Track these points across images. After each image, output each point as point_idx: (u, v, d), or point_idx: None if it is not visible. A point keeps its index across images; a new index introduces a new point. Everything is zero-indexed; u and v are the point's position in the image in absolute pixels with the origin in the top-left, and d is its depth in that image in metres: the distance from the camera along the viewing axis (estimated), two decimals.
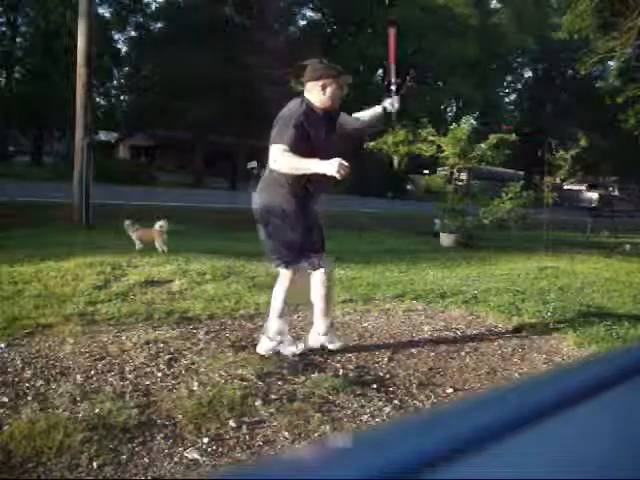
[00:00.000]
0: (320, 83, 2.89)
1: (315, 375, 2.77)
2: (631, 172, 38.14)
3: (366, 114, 3.30)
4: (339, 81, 2.95)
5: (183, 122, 24.80)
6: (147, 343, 2.98)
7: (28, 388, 2.41)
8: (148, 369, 2.68)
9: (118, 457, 1.96)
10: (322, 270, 3.03)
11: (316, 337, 3.19)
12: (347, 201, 18.08)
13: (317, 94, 2.91)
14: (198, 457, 2.01)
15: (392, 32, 3.39)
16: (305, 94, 2.97)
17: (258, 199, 2.97)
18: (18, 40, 29.86)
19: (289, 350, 3.03)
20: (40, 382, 2.47)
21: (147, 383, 2.54)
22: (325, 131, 2.94)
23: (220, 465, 1.98)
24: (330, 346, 3.17)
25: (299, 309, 3.98)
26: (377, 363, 3.08)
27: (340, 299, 4.32)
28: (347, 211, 15.48)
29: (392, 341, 3.48)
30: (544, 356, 3.47)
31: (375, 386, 2.74)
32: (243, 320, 3.62)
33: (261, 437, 2.18)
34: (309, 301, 3.16)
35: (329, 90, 2.90)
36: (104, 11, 30.45)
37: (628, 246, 10.16)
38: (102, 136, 28.82)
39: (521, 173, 36.79)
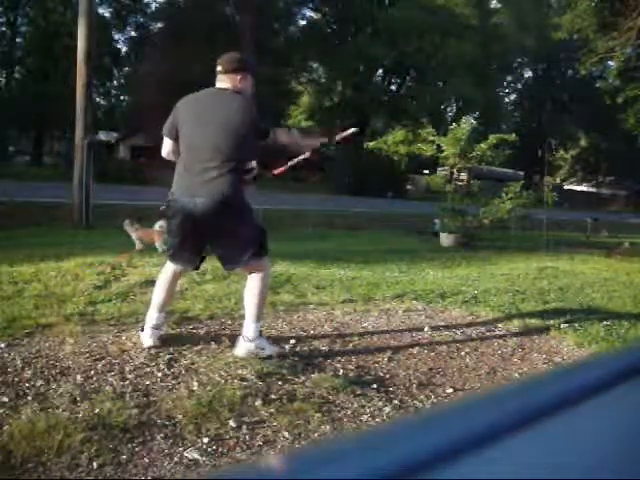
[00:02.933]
0: (239, 76, 2.87)
1: (315, 375, 2.77)
2: (630, 171, 38.16)
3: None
4: (251, 77, 2.94)
5: None
6: None
7: (28, 388, 2.41)
8: (148, 369, 2.68)
9: (118, 457, 1.96)
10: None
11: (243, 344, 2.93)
12: (347, 201, 18.09)
13: (234, 86, 2.86)
14: (198, 457, 2.01)
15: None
16: (219, 84, 2.90)
17: (218, 195, 2.76)
18: (18, 40, 29.88)
19: (270, 351, 2.93)
20: (40, 382, 2.46)
21: (147, 383, 2.53)
22: None
23: (220, 465, 1.98)
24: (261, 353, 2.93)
25: (299, 309, 3.98)
26: (377, 363, 3.08)
27: (340, 299, 4.32)
28: (344, 211, 15.46)
29: (392, 341, 3.48)
30: (544, 356, 3.47)
31: (375, 386, 2.74)
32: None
33: (261, 437, 2.18)
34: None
35: (245, 83, 2.90)
36: (104, 11, 30.47)
37: (627, 243, 10.18)
38: (102, 136, 28.81)
39: (521, 173, 36.79)
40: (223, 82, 2.89)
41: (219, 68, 2.89)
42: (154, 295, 3.03)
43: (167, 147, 3.00)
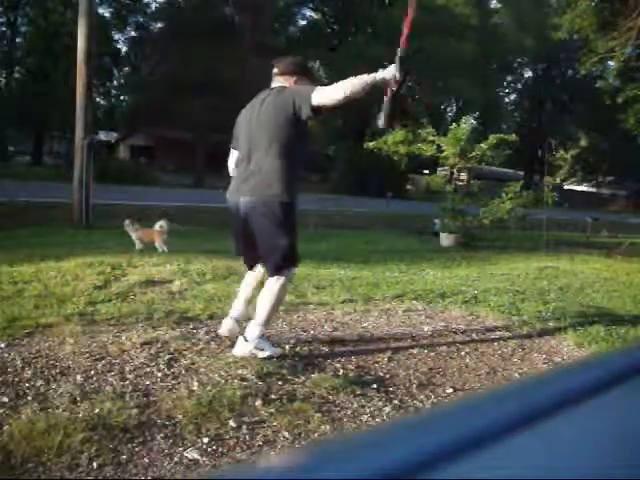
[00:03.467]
0: (295, 77, 2.91)
1: (315, 375, 2.77)
2: (630, 171, 38.14)
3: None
4: (308, 80, 2.95)
5: (183, 122, 24.78)
6: (147, 343, 2.98)
7: (28, 388, 2.41)
8: (148, 369, 2.68)
9: (118, 457, 1.96)
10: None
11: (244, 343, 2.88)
12: (347, 201, 18.08)
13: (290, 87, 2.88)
14: (198, 457, 2.01)
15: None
16: (274, 85, 2.93)
17: (258, 194, 2.75)
18: (18, 40, 29.89)
19: (270, 352, 2.90)
20: (40, 382, 2.46)
21: (147, 383, 2.53)
22: None
23: (220, 465, 1.98)
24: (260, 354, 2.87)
25: (299, 309, 3.98)
26: (377, 363, 3.08)
27: (340, 299, 4.32)
28: (344, 211, 15.46)
29: (392, 341, 3.48)
30: (544, 356, 3.47)
31: (375, 386, 2.74)
32: (243, 320, 3.62)
33: (261, 437, 2.18)
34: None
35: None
36: (104, 11, 30.48)
37: (627, 242, 10.20)
38: (102, 136, 28.81)
39: (521, 173, 36.77)
40: (279, 82, 2.93)
41: (275, 70, 2.95)
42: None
43: (232, 158, 3.06)
